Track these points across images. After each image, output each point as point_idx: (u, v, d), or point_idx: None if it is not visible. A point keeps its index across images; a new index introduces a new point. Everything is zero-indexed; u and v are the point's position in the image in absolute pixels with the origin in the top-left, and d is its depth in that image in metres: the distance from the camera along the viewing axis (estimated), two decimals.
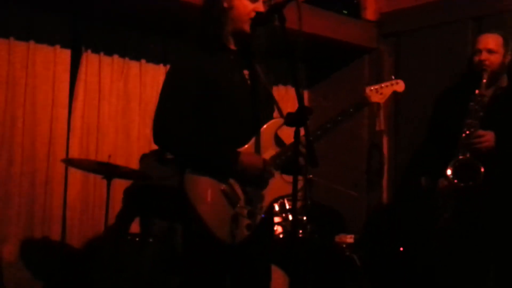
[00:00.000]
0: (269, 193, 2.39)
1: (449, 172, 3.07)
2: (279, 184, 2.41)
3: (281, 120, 2.45)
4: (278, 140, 2.46)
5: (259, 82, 2.46)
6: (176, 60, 2.49)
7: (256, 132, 2.40)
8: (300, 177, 2.17)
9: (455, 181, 3.06)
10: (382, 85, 2.56)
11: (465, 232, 3.14)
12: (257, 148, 2.39)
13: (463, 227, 3.13)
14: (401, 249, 4.23)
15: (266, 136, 2.42)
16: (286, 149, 2.42)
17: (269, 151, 2.41)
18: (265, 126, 2.42)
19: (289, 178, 2.32)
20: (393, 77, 2.61)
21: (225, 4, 2.39)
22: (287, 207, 3.74)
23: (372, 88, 2.55)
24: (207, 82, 2.34)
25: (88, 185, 4.26)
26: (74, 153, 4.21)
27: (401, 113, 4.55)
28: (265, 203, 2.38)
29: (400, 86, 2.60)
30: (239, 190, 2.34)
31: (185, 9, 3.92)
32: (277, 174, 2.41)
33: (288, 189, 2.37)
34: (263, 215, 2.36)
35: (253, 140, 2.40)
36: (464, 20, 4.69)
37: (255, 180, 2.34)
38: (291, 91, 5.29)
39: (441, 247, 3.26)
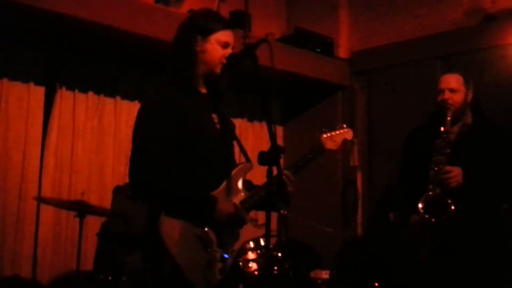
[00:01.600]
0: (241, 237, 2.39)
1: (420, 207, 3.12)
2: (250, 228, 2.42)
3: (249, 165, 2.47)
4: (247, 184, 2.47)
5: (227, 126, 2.49)
6: (149, 98, 2.47)
7: (226, 175, 2.40)
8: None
9: (426, 216, 3.10)
10: (334, 133, 2.68)
11: (442, 267, 3.16)
12: (228, 192, 2.39)
13: (439, 261, 3.16)
14: (376, 284, 4.23)
15: (236, 180, 2.43)
16: (255, 193, 2.43)
17: (239, 196, 2.42)
18: (234, 170, 2.43)
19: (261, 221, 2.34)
20: (344, 126, 2.73)
21: (197, 48, 2.41)
22: (262, 243, 3.73)
23: (325, 135, 2.66)
24: (180, 122, 2.33)
25: (60, 221, 4.20)
26: (47, 191, 4.16)
27: (374, 149, 4.61)
28: (237, 247, 2.38)
29: (349, 134, 2.72)
30: (212, 234, 2.32)
31: (161, 46, 3.96)
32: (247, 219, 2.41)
33: (260, 233, 2.48)
34: (226, 256, 2.35)
35: (225, 183, 2.39)
36: (432, 58, 4.83)
37: (228, 225, 2.34)
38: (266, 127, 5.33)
39: (420, 282, 3.27)
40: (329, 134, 2.66)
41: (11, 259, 3.98)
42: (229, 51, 2.42)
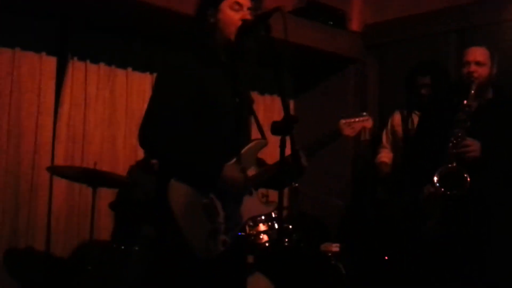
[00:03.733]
0: (247, 212, 2.41)
1: (435, 179, 3.09)
2: (256, 204, 2.44)
3: (263, 141, 2.47)
4: (259, 161, 2.47)
5: (245, 98, 2.48)
6: (167, 66, 2.45)
7: (240, 148, 2.40)
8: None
9: (442, 189, 3.08)
10: (353, 119, 2.66)
11: (449, 240, 3.16)
12: (242, 165, 2.38)
13: (447, 235, 3.16)
14: (386, 258, 4.25)
15: (249, 155, 2.42)
16: (266, 169, 2.44)
17: (250, 171, 2.42)
18: (249, 145, 2.43)
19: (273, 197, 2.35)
20: (364, 114, 2.71)
21: (212, 20, 2.40)
22: (273, 215, 3.75)
23: (345, 121, 2.64)
24: (196, 92, 2.33)
25: (73, 193, 4.23)
26: (59, 161, 4.19)
27: (385, 123, 4.59)
28: (243, 221, 2.40)
29: (368, 122, 2.70)
30: (219, 205, 2.33)
31: (172, 18, 3.94)
32: (255, 194, 2.43)
33: (266, 210, 2.53)
34: (239, 233, 2.37)
35: (238, 156, 2.39)
36: (446, 32, 4.77)
37: (235, 194, 2.35)
38: (278, 100, 5.29)
39: (426, 254, 3.28)
40: (348, 121, 2.64)
41: (25, 229, 4.03)
42: (244, 13, 2.38)
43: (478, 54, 3.24)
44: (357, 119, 2.66)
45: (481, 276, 3.12)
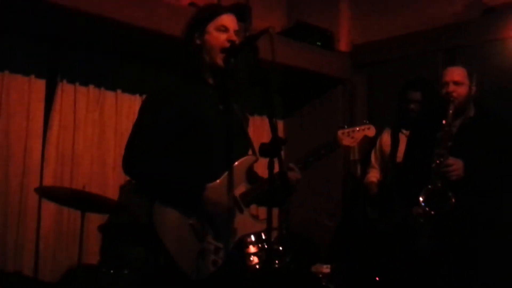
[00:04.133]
0: (238, 230, 2.38)
1: (421, 200, 3.12)
2: (249, 221, 2.41)
3: (253, 158, 2.46)
4: (249, 177, 2.46)
5: (234, 118, 2.48)
6: (153, 89, 2.48)
7: (228, 167, 2.39)
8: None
9: (427, 208, 3.11)
10: (354, 129, 2.58)
11: (441, 259, 3.17)
12: (229, 184, 2.37)
13: (438, 252, 3.17)
14: (377, 278, 4.23)
15: (238, 173, 2.41)
16: (257, 186, 2.43)
17: (240, 188, 2.41)
18: (237, 162, 2.42)
19: (261, 215, 2.33)
20: (365, 121, 2.64)
21: (198, 42, 2.42)
22: (263, 237, 3.73)
23: (344, 131, 2.57)
24: (182, 114, 2.34)
25: (62, 217, 4.20)
26: (48, 183, 4.16)
27: (374, 142, 4.61)
28: (235, 240, 2.38)
29: (371, 131, 2.61)
30: (208, 225, 2.33)
31: (161, 40, 3.96)
32: (246, 212, 2.41)
33: (257, 227, 2.44)
34: (231, 252, 2.35)
35: (225, 175, 2.38)
36: (434, 52, 4.82)
37: (218, 215, 2.33)
38: (267, 121, 5.31)
39: (418, 273, 3.28)
40: (347, 131, 2.57)
41: (13, 252, 3.98)
42: (230, 34, 2.40)
43: (455, 74, 3.31)
44: (357, 128, 2.58)
45: None
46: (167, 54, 2.53)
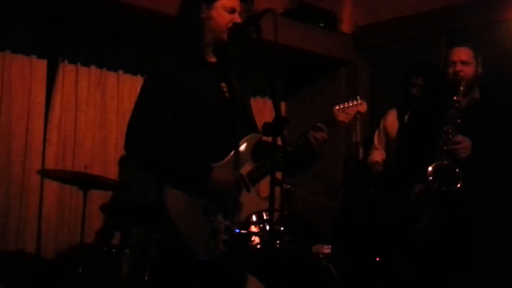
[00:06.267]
0: (244, 209, 2.39)
1: (429, 175, 3.09)
2: (255, 200, 2.41)
3: (257, 136, 2.46)
4: (255, 155, 2.46)
5: (236, 95, 2.46)
6: (152, 70, 2.45)
7: (234, 146, 2.39)
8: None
9: (435, 184, 3.09)
10: (347, 104, 2.54)
11: (441, 238, 3.18)
12: (236, 163, 2.38)
13: (440, 233, 3.17)
14: (378, 259, 4.26)
15: (243, 152, 2.41)
16: (262, 164, 2.42)
17: (246, 167, 2.41)
18: (242, 141, 2.42)
19: (264, 194, 2.34)
20: (358, 97, 2.59)
21: (203, 15, 2.38)
22: (265, 217, 3.75)
23: (338, 107, 2.54)
24: (183, 94, 2.33)
25: (64, 196, 4.22)
26: (50, 164, 4.16)
27: (377, 125, 4.60)
28: (242, 218, 2.38)
29: (363, 107, 2.57)
30: (217, 205, 2.33)
31: (163, 20, 3.93)
32: (253, 190, 2.41)
33: (263, 205, 2.42)
34: (237, 230, 2.36)
35: (231, 155, 2.38)
36: (437, 34, 4.80)
37: (226, 194, 2.33)
38: (269, 102, 5.32)
39: (421, 254, 3.29)
40: (341, 106, 2.53)
41: (15, 232, 4.01)
42: (235, 16, 2.39)
43: (462, 53, 3.29)
44: (350, 104, 2.54)
45: (473, 275, 3.14)
46: (168, 34, 2.50)
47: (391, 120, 4.31)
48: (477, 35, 4.47)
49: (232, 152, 2.38)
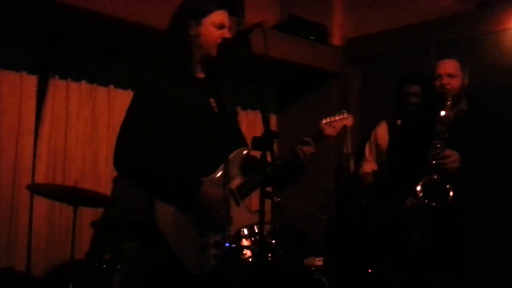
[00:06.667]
0: (235, 223, 2.39)
1: (419, 190, 3.11)
2: (245, 214, 2.42)
3: (246, 149, 2.47)
4: (244, 170, 2.46)
5: (225, 110, 2.47)
6: (141, 85, 2.46)
7: (223, 160, 2.39)
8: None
9: (425, 200, 3.10)
10: (333, 118, 2.58)
11: (434, 249, 3.18)
12: (226, 177, 2.38)
13: (432, 246, 3.18)
14: (370, 270, 4.25)
15: (232, 166, 2.42)
16: (252, 178, 2.43)
17: (236, 181, 2.42)
18: (231, 155, 2.42)
19: (254, 208, 2.34)
20: (344, 111, 2.62)
21: (192, 32, 2.39)
22: (256, 230, 3.73)
23: (325, 121, 2.57)
24: (173, 109, 2.33)
25: (54, 211, 4.19)
26: (40, 180, 4.14)
27: (368, 136, 4.62)
28: (232, 232, 2.38)
29: (349, 120, 2.61)
30: (207, 219, 2.32)
31: (154, 34, 3.93)
32: (242, 204, 2.41)
33: (253, 219, 2.43)
34: (227, 244, 2.36)
35: (220, 169, 2.38)
36: (427, 45, 4.83)
37: (215, 210, 2.32)
38: (259, 115, 5.31)
39: (414, 266, 3.29)
40: (328, 120, 2.57)
41: (5, 248, 3.97)
42: (225, 32, 2.40)
43: (448, 66, 3.31)
44: (337, 118, 2.58)
45: (464, 284, 3.14)
46: (159, 49, 2.50)
47: (382, 132, 4.33)
48: (467, 47, 4.51)
49: (222, 167, 2.38)
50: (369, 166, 4.40)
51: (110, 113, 4.54)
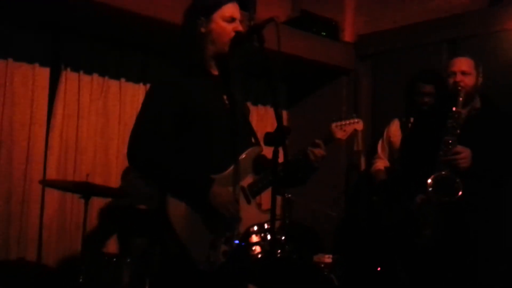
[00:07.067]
0: (245, 220, 2.40)
1: (429, 186, 3.10)
2: (256, 212, 2.43)
3: (259, 148, 2.47)
4: (256, 168, 2.47)
5: (237, 108, 2.47)
6: (156, 81, 2.47)
7: (235, 158, 2.40)
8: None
9: (435, 195, 3.09)
10: (344, 122, 2.62)
11: (443, 247, 3.17)
12: (237, 175, 2.38)
13: (443, 243, 3.17)
14: (379, 269, 4.24)
15: (244, 164, 2.42)
16: (264, 177, 2.43)
17: (247, 179, 2.43)
18: (243, 154, 2.43)
19: (265, 206, 2.35)
20: (354, 115, 2.68)
21: (203, 30, 2.39)
22: (266, 226, 3.73)
23: (336, 124, 2.61)
24: (186, 105, 2.33)
25: (65, 204, 4.21)
26: (52, 172, 4.16)
27: (378, 133, 4.60)
28: (242, 230, 2.39)
29: (359, 125, 2.66)
30: (217, 216, 2.33)
31: (166, 28, 3.94)
32: (253, 202, 2.42)
33: (264, 218, 2.47)
34: (237, 241, 2.37)
35: (232, 167, 2.39)
36: (439, 42, 4.80)
37: (225, 208, 2.33)
38: (271, 111, 5.32)
39: (423, 264, 3.28)
40: (339, 123, 2.60)
41: (16, 241, 3.99)
42: (236, 25, 2.39)
43: (463, 64, 3.29)
44: (348, 122, 2.62)
45: (474, 283, 3.13)
46: (171, 43, 2.50)
47: (395, 129, 4.31)
48: (479, 45, 4.48)
49: (233, 165, 2.39)
50: (381, 163, 4.38)
51: (121, 107, 4.55)
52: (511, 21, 4.42)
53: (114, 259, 3.63)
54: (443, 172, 3.10)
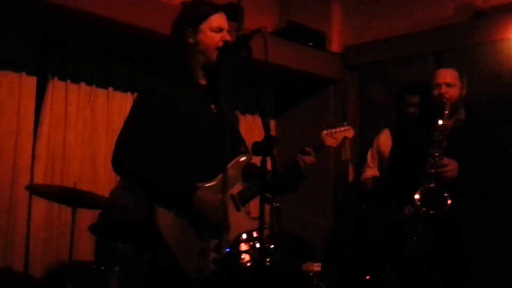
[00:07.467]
0: (235, 228, 2.40)
1: (417, 199, 3.12)
2: (245, 219, 2.44)
3: (248, 156, 2.48)
4: (245, 176, 2.47)
5: (225, 117, 2.48)
6: (143, 89, 2.47)
7: (223, 166, 2.40)
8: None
9: (423, 208, 3.11)
10: (334, 130, 2.62)
11: (431, 258, 3.19)
12: (225, 183, 2.39)
13: (430, 253, 3.19)
14: (368, 277, 4.26)
15: (233, 172, 2.43)
16: (253, 185, 2.44)
17: (237, 187, 2.43)
18: (232, 162, 2.44)
19: (254, 214, 2.35)
20: (344, 123, 2.68)
21: (191, 40, 2.40)
22: (255, 235, 3.74)
23: (326, 132, 2.61)
24: (174, 114, 2.34)
25: (52, 213, 4.18)
26: (39, 181, 4.13)
27: (366, 143, 4.64)
28: (231, 237, 2.40)
29: (350, 132, 2.66)
30: (206, 222, 2.33)
31: (153, 38, 3.96)
32: (242, 210, 2.43)
33: (253, 225, 2.46)
34: (227, 249, 2.37)
35: (221, 175, 2.40)
36: (424, 54, 4.86)
37: (212, 215, 2.33)
38: (259, 120, 5.30)
39: (411, 273, 3.30)
40: (329, 131, 2.60)
41: (3, 249, 3.96)
42: (224, 34, 2.41)
43: (447, 76, 3.33)
44: (338, 129, 2.63)
45: None
46: (159, 52, 2.52)
47: (384, 139, 4.34)
48: (464, 56, 4.54)
49: (221, 174, 2.39)
50: (371, 172, 4.42)
51: (108, 116, 4.55)
52: (495, 33, 4.50)
53: (102, 268, 3.61)
54: (431, 185, 3.12)
